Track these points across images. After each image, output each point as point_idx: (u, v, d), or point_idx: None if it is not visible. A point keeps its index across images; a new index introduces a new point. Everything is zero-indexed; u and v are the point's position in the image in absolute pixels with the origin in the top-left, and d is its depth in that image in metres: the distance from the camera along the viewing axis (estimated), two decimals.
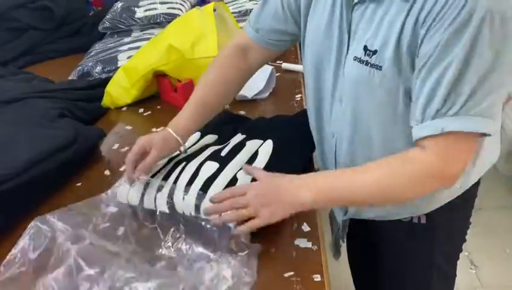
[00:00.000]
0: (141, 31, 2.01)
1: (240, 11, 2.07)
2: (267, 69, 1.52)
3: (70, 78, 1.71)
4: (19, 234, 0.97)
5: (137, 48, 1.71)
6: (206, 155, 1.00)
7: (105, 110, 1.51)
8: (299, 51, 1.62)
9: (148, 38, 1.78)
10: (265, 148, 1.01)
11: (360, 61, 0.78)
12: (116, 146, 1.28)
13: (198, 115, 0.99)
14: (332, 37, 0.84)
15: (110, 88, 1.50)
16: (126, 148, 1.27)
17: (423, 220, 0.93)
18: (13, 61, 1.96)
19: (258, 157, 0.99)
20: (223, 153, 1.00)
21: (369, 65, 0.77)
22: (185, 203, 0.89)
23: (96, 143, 1.25)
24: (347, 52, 0.82)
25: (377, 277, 1.08)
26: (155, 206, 0.91)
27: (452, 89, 0.69)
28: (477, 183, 0.96)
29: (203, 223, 0.85)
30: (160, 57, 1.42)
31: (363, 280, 1.22)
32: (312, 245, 0.83)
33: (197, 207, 0.88)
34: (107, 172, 1.16)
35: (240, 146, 1.03)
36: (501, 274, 1.92)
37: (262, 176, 0.85)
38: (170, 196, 0.91)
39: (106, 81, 1.53)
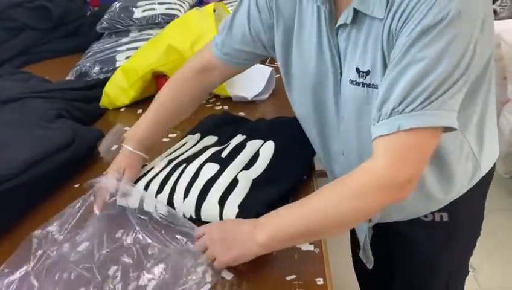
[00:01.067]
0: (139, 31, 2.00)
1: None
2: (266, 71, 1.51)
3: (67, 78, 1.70)
4: (17, 234, 0.97)
5: (136, 48, 1.70)
6: (207, 157, 0.99)
7: (103, 110, 1.50)
8: None
9: (146, 39, 1.77)
10: (266, 150, 1.01)
11: (356, 83, 0.80)
12: (114, 147, 1.27)
13: (152, 132, 1.04)
14: (326, 63, 0.85)
15: (108, 89, 1.49)
16: None
17: (445, 218, 0.92)
18: (10, 61, 1.94)
19: (259, 158, 0.98)
20: (224, 155, 0.99)
21: (365, 86, 0.78)
22: (185, 205, 0.88)
23: (94, 144, 1.24)
24: (341, 75, 0.84)
25: (391, 283, 1.07)
26: (155, 209, 0.90)
27: (412, 88, 0.68)
28: (487, 179, 0.97)
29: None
30: (159, 58, 1.41)
31: (374, 287, 1.20)
32: (314, 248, 0.82)
33: (198, 208, 0.87)
34: (105, 173, 1.15)
35: (240, 147, 1.02)
36: (499, 277, 1.92)
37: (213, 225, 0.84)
38: (170, 197, 0.90)
39: (104, 81, 1.52)
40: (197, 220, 0.89)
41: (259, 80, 1.47)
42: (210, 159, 0.97)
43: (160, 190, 0.93)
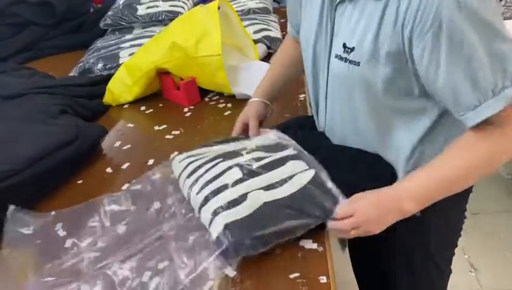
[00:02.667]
0: (143, 28, 2.00)
1: (242, 10, 2.06)
2: None
3: (71, 74, 1.70)
4: None
5: (139, 45, 1.70)
6: (243, 161, 0.92)
7: (106, 107, 1.50)
8: None
9: (149, 36, 1.76)
10: (302, 179, 0.86)
11: (340, 58, 0.84)
12: (117, 144, 1.27)
13: (270, 86, 1.15)
14: (322, 36, 0.90)
15: (111, 85, 1.49)
16: (128, 146, 1.26)
17: (417, 213, 0.92)
18: (13, 56, 1.94)
19: (287, 184, 0.86)
20: (255, 166, 0.90)
21: (347, 62, 0.82)
22: (196, 200, 0.88)
23: (98, 140, 1.24)
24: (330, 50, 0.88)
25: (379, 271, 1.10)
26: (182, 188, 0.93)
27: (494, 63, 0.70)
28: None
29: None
30: (163, 55, 1.41)
31: (365, 278, 1.22)
32: (318, 246, 0.82)
33: (199, 209, 0.86)
34: (108, 169, 1.15)
35: (279, 162, 0.91)
36: (501, 278, 1.91)
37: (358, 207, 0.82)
38: (192, 186, 0.90)
39: (108, 78, 1.52)
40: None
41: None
42: (240, 166, 0.90)
43: (190, 175, 0.92)
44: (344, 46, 0.83)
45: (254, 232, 0.78)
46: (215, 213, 0.82)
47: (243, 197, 0.83)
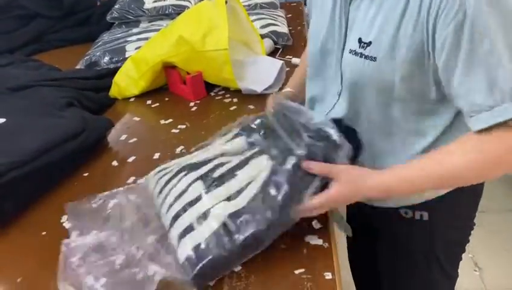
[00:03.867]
0: (149, 22, 2.00)
1: (249, 5, 2.05)
2: (277, 64, 1.51)
3: (77, 67, 1.70)
4: (26, 221, 0.97)
5: (146, 39, 1.70)
6: (201, 173, 0.85)
7: (112, 100, 1.50)
8: None
9: (156, 30, 1.76)
10: (261, 177, 0.80)
11: (355, 53, 0.80)
12: (123, 137, 1.27)
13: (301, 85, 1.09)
14: (335, 30, 0.86)
15: (118, 78, 1.49)
16: (134, 139, 1.26)
17: (425, 217, 0.92)
18: (20, 49, 1.95)
19: (249, 187, 0.79)
20: (216, 174, 0.84)
21: (363, 57, 0.79)
22: (165, 220, 0.84)
23: (104, 133, 1.24)
24: (344, 46, 0.84)
25: (379, 277, 1.07)
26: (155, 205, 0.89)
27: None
28: (479, 186, 0.94)
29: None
30: (169, 49, 1.41)
31: (365, 282, 1.20)
32: (323, 242, 0.82)
33: (169, 228, 0.82)
34: (114, 163, 1.15)
35: (241, 165, 0.84)
36: (505, 277, 1.91)
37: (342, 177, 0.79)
38: (161, 205, 0.87)
39: (114, 71, 1.52)
40: None
41: (270, 72, 1.46)
42: (202, 177, 0.84)
43: (160, 191, 0.88)
44: (360, 41, 0.79)
45: (221, 252, 0.73)
46: (181, 235, 0.78)
47: (205, 215, 0.78)
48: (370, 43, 0.77)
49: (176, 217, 0.81)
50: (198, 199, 0.81)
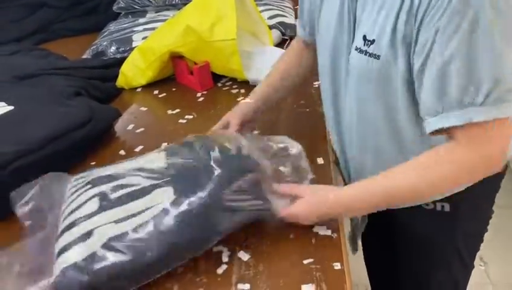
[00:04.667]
0: (156, 12, 1.99)
1: None
2: None
3: (84, 57, 1.70)
4: None
5: (152, 29, 1.69)
6: (100, 190, 0.82)
7: (119, 90, 1.50)
8: None
9: (163, 20, 1.75)
10: (154, 210, 0.76)
11: (360, 51, 0.80)
12: (131, 127, 1.27)
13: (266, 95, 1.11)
14: (343, 28, 0.85)
15: (125, 68, 1.49)
16: (141, 129, 1.26)
17: (447, 208, 0.91)
18: (27, 38, 1.95)
19: (144, 213, 0.76)
20: (114, 196, 0.80)
21: (367, 55, 0.78)
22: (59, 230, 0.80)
23: (111, 122, 1.24)
24: (352, 43, 0.83)
25: (397, 271, 1.07)
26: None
27: (468, 78, 0.66)
28: (499, 176, 0.95)
29: None
30: (176, 38, 1.40)
31: (381, 276, 1.19)
32: (332, 233, 0.81)
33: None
34: (122, 152, 1.15)
35: (146, 191, 0.79)
36: (510, 271, 1.90)
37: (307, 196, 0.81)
38: (62, 214, 0.83)
39: (121, 61, 1.52)
40: None
41: None
42: (102, 194, 0.81)
43: (67, 199, 0.85)
44: (364, 38, 0.78)
45: (91, 277, 0.70)
46: (59, 253, 0.74)
47: (89, 233, 0.74)
48: (373, 40, 0.77)
49: (62, 231, 0.77)
50: (88, 217, 0.77)
